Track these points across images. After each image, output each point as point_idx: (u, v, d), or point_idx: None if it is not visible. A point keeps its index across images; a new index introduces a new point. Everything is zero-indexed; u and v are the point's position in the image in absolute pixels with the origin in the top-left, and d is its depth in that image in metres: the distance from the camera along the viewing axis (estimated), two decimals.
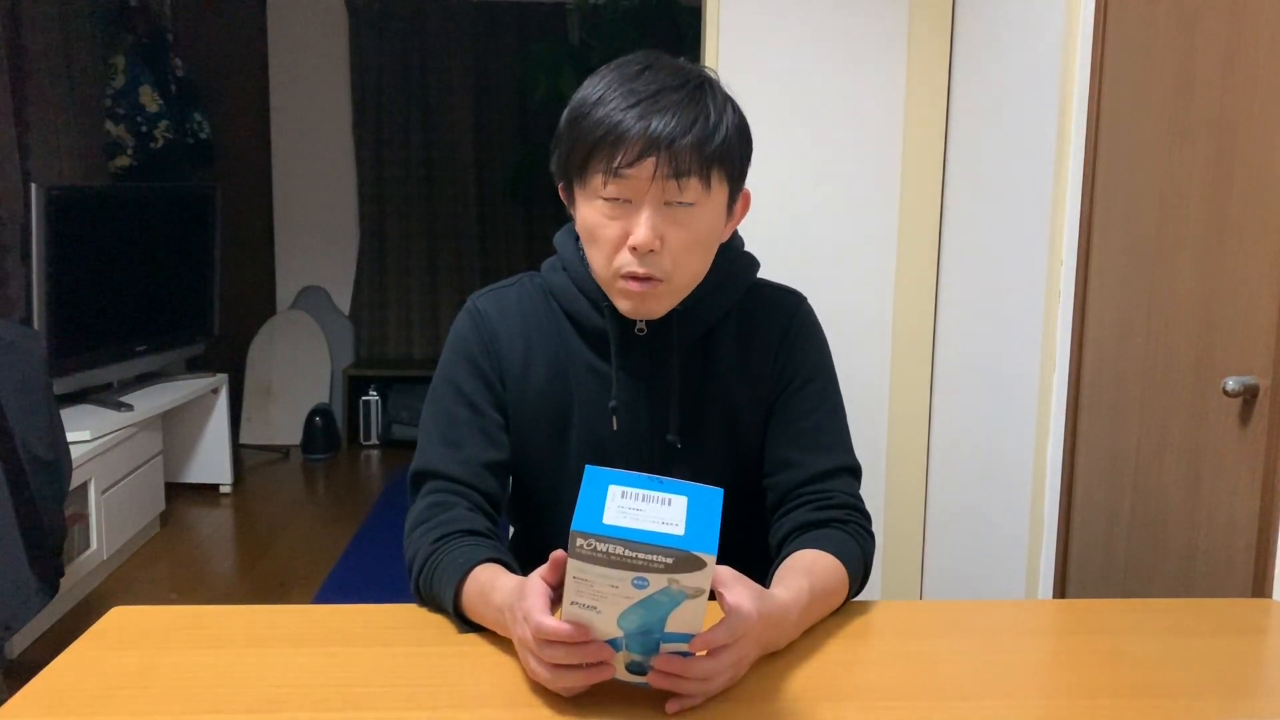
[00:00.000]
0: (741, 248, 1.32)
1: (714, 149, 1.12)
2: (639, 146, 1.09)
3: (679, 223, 1.13)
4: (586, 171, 1.14)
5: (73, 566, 3.05)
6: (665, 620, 0.88)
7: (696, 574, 0.84)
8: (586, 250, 1.19)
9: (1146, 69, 1.73)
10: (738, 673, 0.97)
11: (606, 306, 1.22)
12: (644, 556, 0.84)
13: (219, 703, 0.95)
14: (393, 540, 3.84)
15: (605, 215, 1.14)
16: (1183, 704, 0.99)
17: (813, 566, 1.12)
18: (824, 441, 1.26)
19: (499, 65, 5.27)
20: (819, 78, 2.57)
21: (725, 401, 1.26)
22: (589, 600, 0.88)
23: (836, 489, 1.24)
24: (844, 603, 1.17)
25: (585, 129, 1.12)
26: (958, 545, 2.52)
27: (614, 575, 0.85)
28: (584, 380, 1.25)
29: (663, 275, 1.14)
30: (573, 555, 0.86)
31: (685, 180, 1.11)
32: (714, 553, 0.84)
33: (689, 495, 0.88)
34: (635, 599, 0.87)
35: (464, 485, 1.22)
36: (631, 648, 0.92)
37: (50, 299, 3.37)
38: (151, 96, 4.43)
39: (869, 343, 2.64)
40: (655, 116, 1.09)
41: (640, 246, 1.11)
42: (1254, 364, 1.43)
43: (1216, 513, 1.51)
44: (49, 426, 2.64)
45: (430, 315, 5.45)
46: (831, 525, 1.21)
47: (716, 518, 0.87)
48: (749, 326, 1.28)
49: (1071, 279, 1.94)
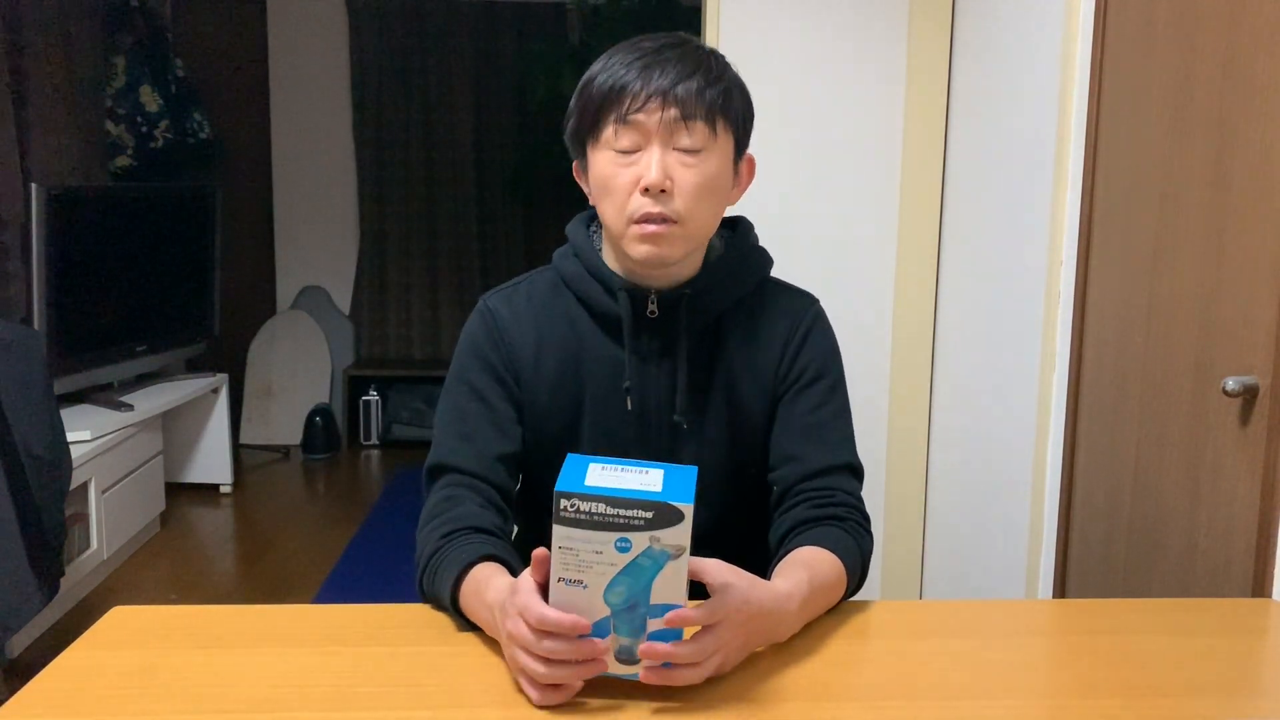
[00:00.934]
0: (756, 243, 1.35)
1: (716, 96, 1.19)
2: (645, 94, 1.16)
3: (687, 165, 1.18)
4: (598, 126, 1.20)
5: (73, 566, 3.05)
6: (650, 589, 0.92)
7: (676, 529, 0.90)
8: (600, 205, 1.23)
9: (1146, 69, 1.73)
10: (727, 657, 0.98)
11: (620, 290, 1.25)
12: (625, 513, 0.89)
13: (219, 703, 0.95)
14: (393, 540, 3.86)
15: (617, 165, 1.19)
16: (1183, 704, 0.99)
17: (811, 561, 1.14)
18: (828, 438, 1.28)
19: (499, 65, 5.27)
20: (819, 78, 2.57)
21: (730, 389, 1.29)
22: (575, 574, 0.91)
23: (837, 487, 1.25)
24: (842, 600, 1.18)
25: (594, 90, 1.20)
26: (958, 545, 2.52)
27: (598, 539, 0.90)
28: (596, 365, 1.28)
29: (675, 216, 1.18)
30: (557, 521, 0.90)
31: (692, 123, 1.17)
32: (690, 503, 0.89)
33: (664, 469, 0.95)
34: (620, 565, 0.91)
35: (476, 478, 1.24)
36: (620, 630, 0.94)
37: (50, 299, 3.37)
38: (151, 96, 4.43)
39: (869, 343, 2.64)
40: (659, 68, 1.17)
41: (652, 186, 1.16)
42: (1254, 364, 1.43)
43: (1216, 513, 1.51)
44: (49, 426, 2.64)
45: (430, 315, 5.45)
46: (830, 523, 1.21)
47: (692, 484, 0.92)
48: (759, 321, 1.31)
49: (1071, 279, 1.94)
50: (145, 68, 4.42)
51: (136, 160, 4.42)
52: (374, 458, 5.06)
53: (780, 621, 1.05)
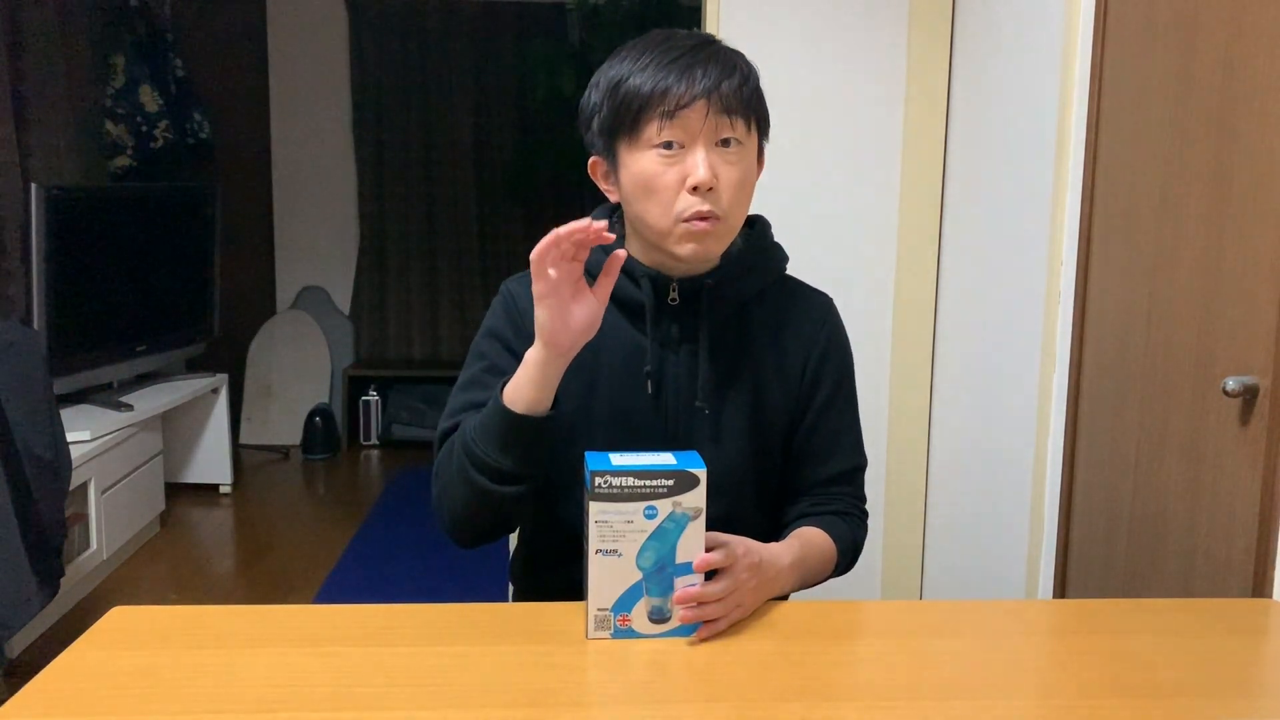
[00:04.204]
0: (773, 240, 1.40)
1: (751, 93, 1.24)
2: (691, 94, 1.18)
3: (729, 161, 1.22)
4: (639, 124, 1.21)
5: (73, 566, 3.05)
6: (675, 550, 1.07)
7: (693, 492, 1.06)
8: (641, 205, 1.24)
9: (1146, 69, 1.73)
10: (743, 597, 1.12)
11: (643, 278, 1.28)
12: (650, 483, 1.05)
13: (219, 703, 0.95)
14: (393, 540, 3.86)
15: (660, 164, 1.21)
16: (1183, 704, 0.99)
17: (801, 532, 1.29)
18: (844, 443, 1.38)
19: (499, 65, 5.26)
20: (819, 78, 2.57)
21: (754, 379, 1.33)
22: (611, 544, 1.07)
23: (844, 487, 1.37)
24: (833, 573, 1.32)
25: (631, 89, 1.20)
26: (958, 545, 2.52)
27: (629, 509, 1.06)
28: (615, 350, 1.30)
29: (721, 213, 1.22)
30: (592, 498, 1.05)
31: (735, 119, 1.21)
32: (703, 468, 1.06)
33: (675, 454, 1.10)
34: (649, 531, 1.06)
35: None
36: (651, 591, 1.08)
37: (50, 299, 3.37)
38: (151, 96, 4.43)
39: (869, 343, 2.64)
40: (699, 67, 1.20)
41: (701, 184, 1.19)
42: (1254, 364, 1.43)
43: (1216, 513, 1.51)
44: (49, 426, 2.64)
45: (430, 315, 5.45)
46: (829, 515, 1.34)
47: (700, 461, 1.08)
48: (783, 315, 1.36)
49: (1071, 279, 1.94)
50: (145, 68, 4.42)
51: (136, 160, 4.42)
52: (374, 458, 5.06)
53: (778, 574, 1.18)
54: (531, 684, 1.00)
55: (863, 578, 1.35)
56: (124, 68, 4.37)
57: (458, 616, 1.12)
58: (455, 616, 1.12)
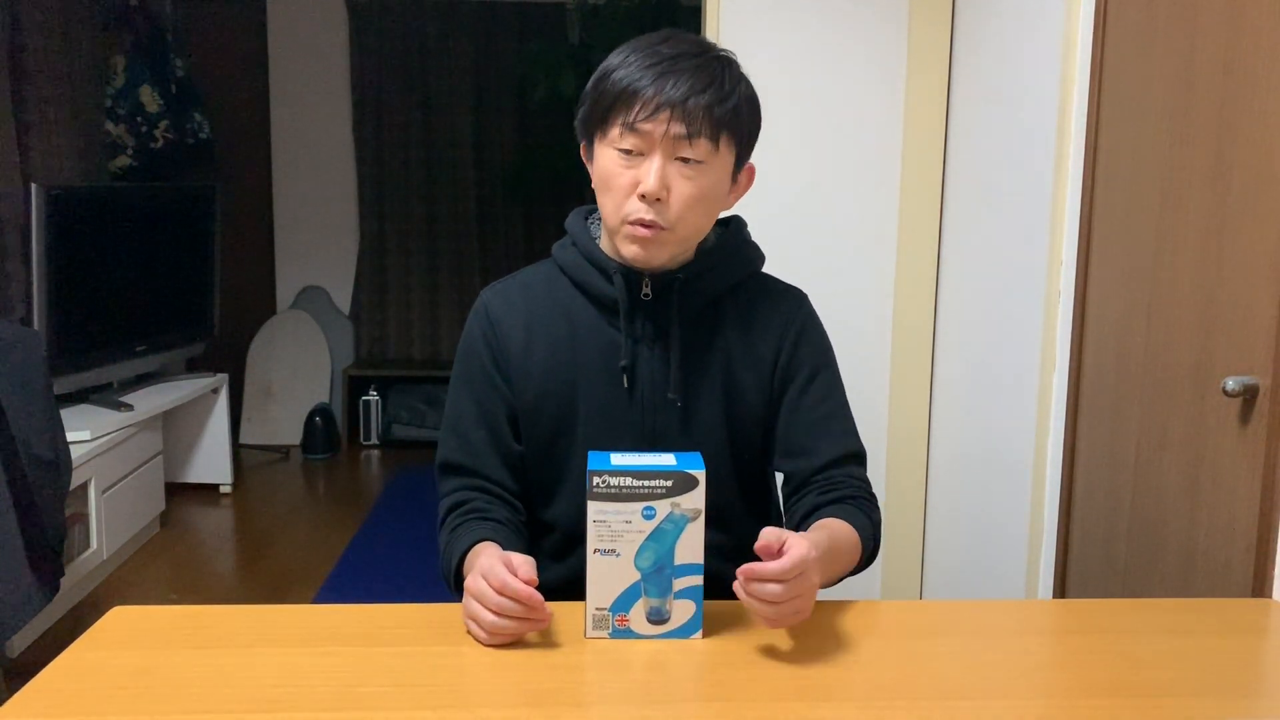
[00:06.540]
0: (748, 238, 1.40)
1: (724, 113, 1.21)
2: (655, 102, 1.19)
3: (686, 177, 1.22)
4: (606, 123, 1.23)
5: (73, 566, 3.05)
6: (674, 551, 1.07)
7: (692, 494, 1.05)
8: (599, 198, 1.28)
9: (1146, 69, 1.73)
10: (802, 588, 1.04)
11: (615, 273, 1.29)
12: (648, 484, 1.05)
13: (219, 703, 0.95)
14: (393, 540, 3.86)
15: (619, 164, 1.23)
16: (1183, 704, 0.99)
17: (828, 524, 1.24)
18: (834, 429, 1.36)
19: (499, 65, 5.26)
20: (819, 77, 2.57)
21: (727, 373, 1.33)
22: (609, 544, 1.06)
23: (846, 476, 1.34)
24: (860, 565, 1.26)
25: (607, 86, 1.23)
26: (958, 545, 2.52)
27: (627, 510, 1.05)
28: (591, 347, 1.32)
29: (666, 224, 1.23)
30: (591, 497, 1.05)
31: (696, 140, 1.20)
32: (703, 470, 1.05)
33: (675, 455, 1.10)
34: (647, 531, 1.06)
35: (478, 477, 1.32)
36: (650, 592, 1.08)
37: (50, 299, 3.37)
38: (151, 96, 4.43)
39: (869, 343, 2.64)
40: (672, 77, 1.19)
41: (648, 194, 1.20)
42: (1254, 364, 1.43)
43: (1216, 513, 1.51)
44: (49, 426, 2.64)
45: (430, 315, 5.45)
46: (842, 503, 1.31)
47: (700, 459, 1.08)
48: (753, 310, 1.36)
49: (1071, 279, 1.94)
50: (145, 68, 4.41)
51: (136, 160, 4.42)
52: (374, 458, 5.06)
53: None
54: (530, 684, 1.00)
55: (862, 578, 1.34)
56: (124, 68, 4.37)
57: (457, 616, 1.12)
58: (455, 616, 1.12)
